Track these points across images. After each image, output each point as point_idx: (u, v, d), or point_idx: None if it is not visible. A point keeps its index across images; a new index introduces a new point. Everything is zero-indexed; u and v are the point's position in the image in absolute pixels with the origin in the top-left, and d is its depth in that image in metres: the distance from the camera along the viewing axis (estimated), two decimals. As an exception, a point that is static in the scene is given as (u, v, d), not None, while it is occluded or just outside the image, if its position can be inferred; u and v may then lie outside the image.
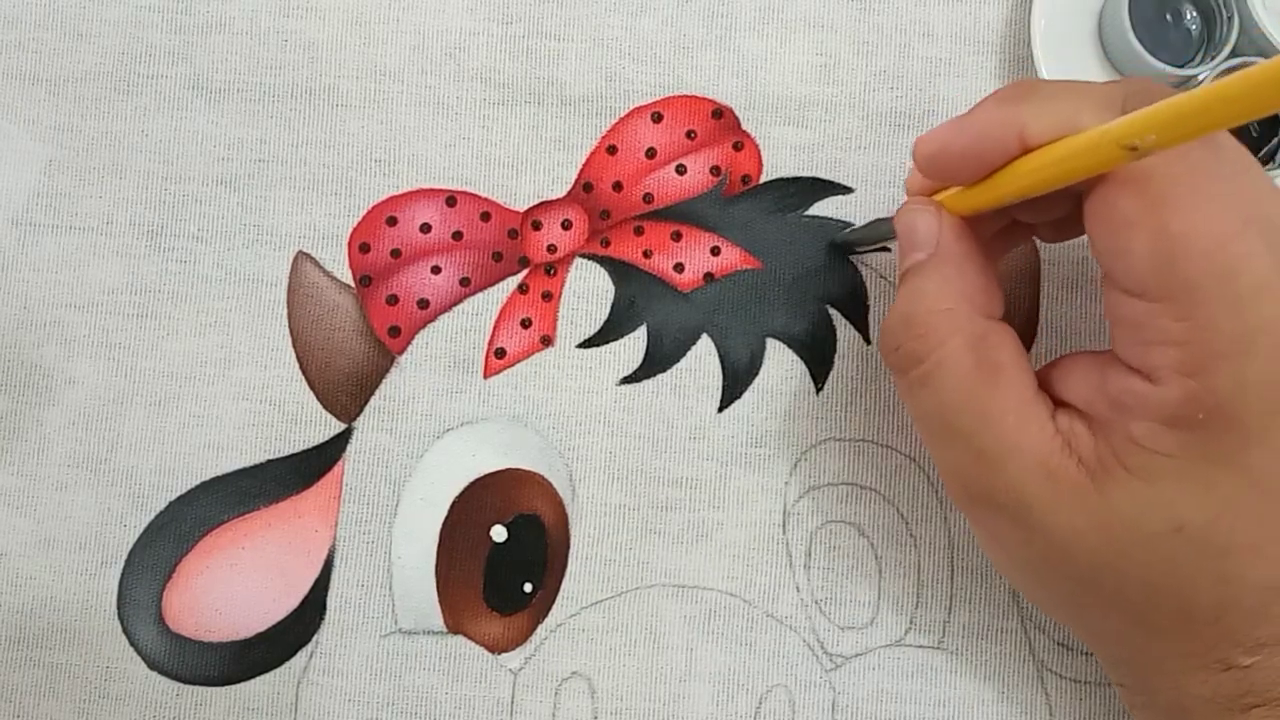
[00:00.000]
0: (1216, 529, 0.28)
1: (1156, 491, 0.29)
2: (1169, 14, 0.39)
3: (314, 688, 0.37)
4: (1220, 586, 0.29)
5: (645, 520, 0.38)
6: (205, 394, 0.38)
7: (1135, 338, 0.29)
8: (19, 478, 0.38)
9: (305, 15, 0.40)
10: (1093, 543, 0.29)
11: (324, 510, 0.38)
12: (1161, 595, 0.29)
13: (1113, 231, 0.29)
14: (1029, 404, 0.31)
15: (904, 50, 0.40)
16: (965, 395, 0.31)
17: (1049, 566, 0.31)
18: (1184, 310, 0.28)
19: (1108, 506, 0.29)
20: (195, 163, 0.39)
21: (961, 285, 0.31)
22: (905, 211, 0.33)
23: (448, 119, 0.39)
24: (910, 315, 0.32)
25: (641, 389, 0.39)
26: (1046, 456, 0.30)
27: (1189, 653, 0.30)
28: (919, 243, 0.32)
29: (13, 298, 0.38)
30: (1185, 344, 0.28)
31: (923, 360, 0.31)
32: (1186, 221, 0.28)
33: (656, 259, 0.39)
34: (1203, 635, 0.29)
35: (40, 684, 0.37)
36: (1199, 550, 0.29)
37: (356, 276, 0.39)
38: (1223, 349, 0.27)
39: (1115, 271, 0.29)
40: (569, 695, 0.37)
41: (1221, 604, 0.29)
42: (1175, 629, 0.30)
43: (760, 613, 0.38)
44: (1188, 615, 0.29)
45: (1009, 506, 0.30)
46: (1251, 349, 0.27)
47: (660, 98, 0.40)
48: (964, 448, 0.31)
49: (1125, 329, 0.29)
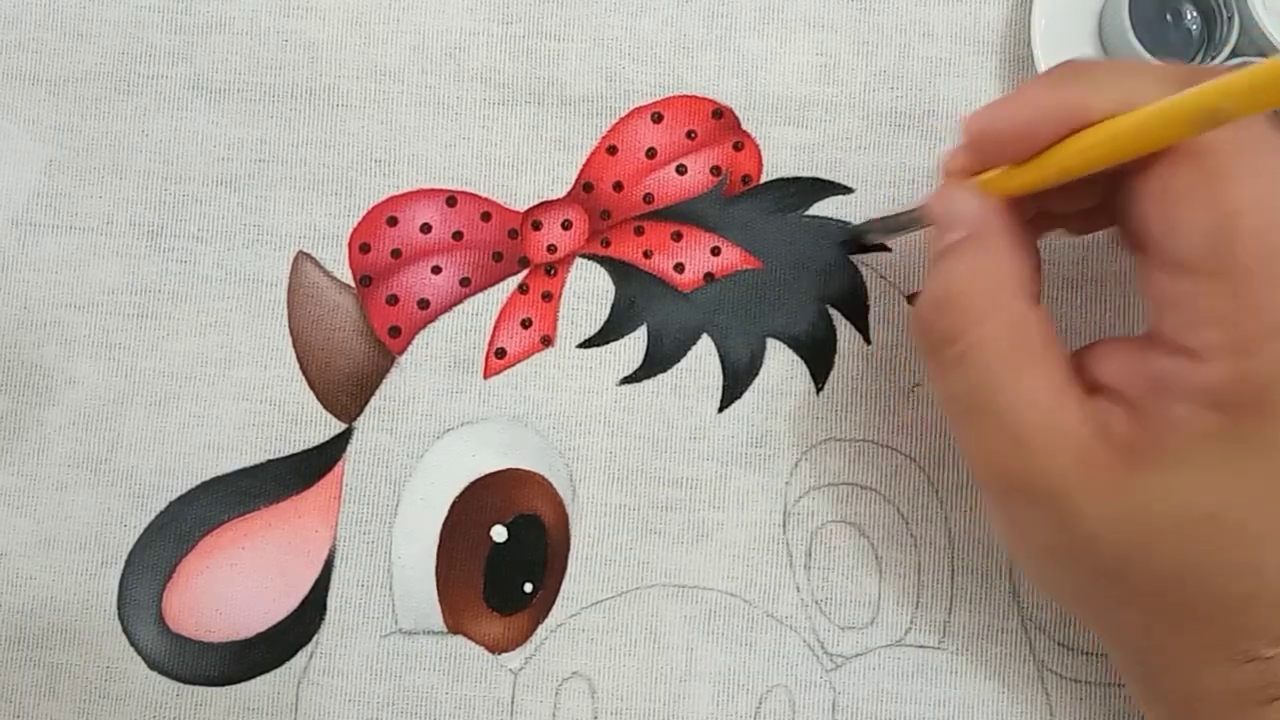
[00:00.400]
0: (1252, 516, 0.28)
1: (1193, 475, 0.28)
2: (1169, 14, 0.39)
3: (314, 688, 0.37)
4: (1250, 576, 0.28)
5: (645, 520, 0.38)
6: (205, 394, 0.38)
7: (1181, 317, 0.28)
8: (19, 478, 0.38)
9: (305, 15, 0.40)
10: (1124, 530, 0.29)
11: (324, 510, 0.38)
12: (1189, 584, 0.29)
13: (1166, 206, 0.28)
14: (1064, 389, 0.30)
15: (904, 50, 0.40)
16: (1001, 377, 0.30)
17: (1073, 556, 0.30)
18: (1234, 288, 0.27)
19: (1143, 491, 0.28)
20: (195, 163, 0.39)
21: (999, 266, 0.31)
22: (943, 191, 0.33)
23: (448, 119, 0.39)
24: (947, 294, 0.31)
25: (642, 389, 0.39)
26: (1081, 442, 0.29)
27: (1211, 644, 0.29)
28: (957, 222, 0.32)
29: (13, 298, 0.38)
30: (1234, 322, 0.27)
31: (957, 340, 0.31)
32: (1241, 197, 0.27)
33: (657, 259, 0.39)
34: (1228, 625, 0.29)
35: (40, 684, 0.37)
36: (1233, 538, 0.28)
37: (357, 276, 0.39)
38: (1274, 329, 0.27)
39: (1165, 247, 0.29)
40: (569, 695, 0.37)
41: (1251, 594, 0.28)
42: (1199, 619, 0.29)
43: (760, 613, 0.38)
44: (1215, 605, 0.29)
45: (1040, 492, 0.30)
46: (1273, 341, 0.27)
47: (660, 98, 0.40)
48: (996, 431, 0.30)
49: (1171, 308, 0.29)
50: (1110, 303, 0.40)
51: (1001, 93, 0.40)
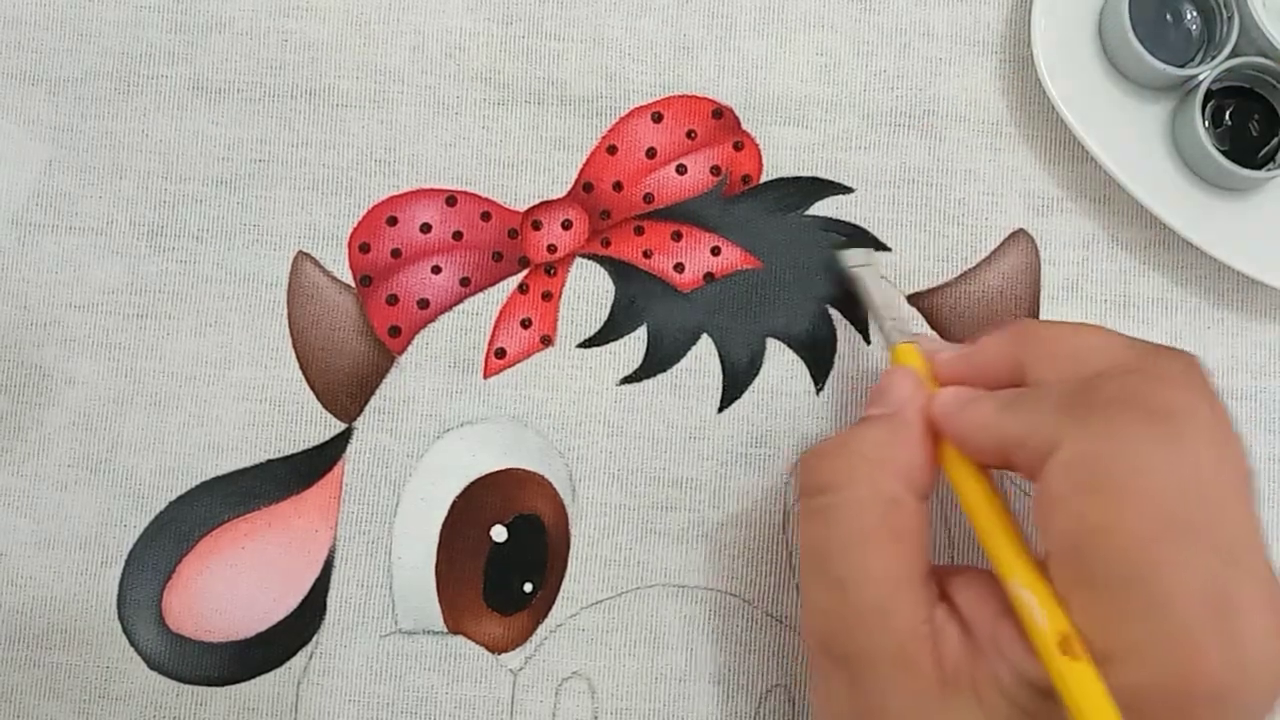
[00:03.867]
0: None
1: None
2: (1169, 14, 0.39)
3: (314, 688, 0.37)
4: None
5: (645, 520, 0.38)
6: (205, 394, 0.38)
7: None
8: (19, 478, 0.38)
9: (305, 15, 0.40)
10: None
11: (324, 510, 0.38)
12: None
13: (1042, 505, 0.29)
14: (913, 583, 0.30)
15: (904, 50, 0.40)
16: (855, 543, 0.31)
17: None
18: (1085, 599, 0.28)
19: (944, 714, 0.29)
20: (195, 163, 0.39)
21: (901, 451, 0.32)
22: (887, 374, 0.34)
23: (448, 119, 0.39)
24: (842, 448, 0.32)
25: (642, 389, 0.39)
26: (908, 640, 0.29)
27: None
28: (888, 400, 0.33)
29: (13, 298, 0.38)
30: (1081, 633, 0.28)
31: (828, 492, 0.31)
32: (1102, 517, 0.28)
33: (657, 259, 0.39)
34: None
35: (40, 684, 0.37)
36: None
37: (357, 276, 0.39)
38: (1109, 650, 0.27)
39: (1044, 541, 0.29)
40: (569, 695, 0.37)
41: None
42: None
43: (760, 613, 0.38)
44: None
45: (853, 668, 0.30)
46: (1135, 657, 0.27)
47: (660, 98, 0.40)
48: (836, 594, 0.30)
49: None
50: (1111, 302, 0.40)
51: (1001, 92, 0.40)
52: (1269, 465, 0.39)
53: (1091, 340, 0.31)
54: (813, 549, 0.32)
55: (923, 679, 0.29)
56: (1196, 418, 0.28)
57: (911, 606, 0.30)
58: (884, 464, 0.31)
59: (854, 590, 0.30)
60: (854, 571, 0.30)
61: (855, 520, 0.31)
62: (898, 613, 0.30)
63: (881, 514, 0.31)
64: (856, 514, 0.31)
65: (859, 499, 0.31)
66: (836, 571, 0.31)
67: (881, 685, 0.29)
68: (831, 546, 0.31)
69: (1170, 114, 0.39)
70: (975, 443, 0.31)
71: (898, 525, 0.31)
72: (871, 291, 0.37)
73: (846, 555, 0.31)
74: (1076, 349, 0.31)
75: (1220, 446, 0.28)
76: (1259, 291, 0.40)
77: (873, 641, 0.30)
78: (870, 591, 0.30)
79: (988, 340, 0.33)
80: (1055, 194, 0.40)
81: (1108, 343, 0.31)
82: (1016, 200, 0.40)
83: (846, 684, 0.30)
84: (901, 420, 0.32)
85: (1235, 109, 0.39)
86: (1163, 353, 0.31)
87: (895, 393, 0.33)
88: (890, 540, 0.30)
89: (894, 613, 0.30)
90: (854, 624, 0.30)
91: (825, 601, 0.31)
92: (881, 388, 0.34)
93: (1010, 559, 0.30)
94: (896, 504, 0.31)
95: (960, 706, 0.29)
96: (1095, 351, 0.31)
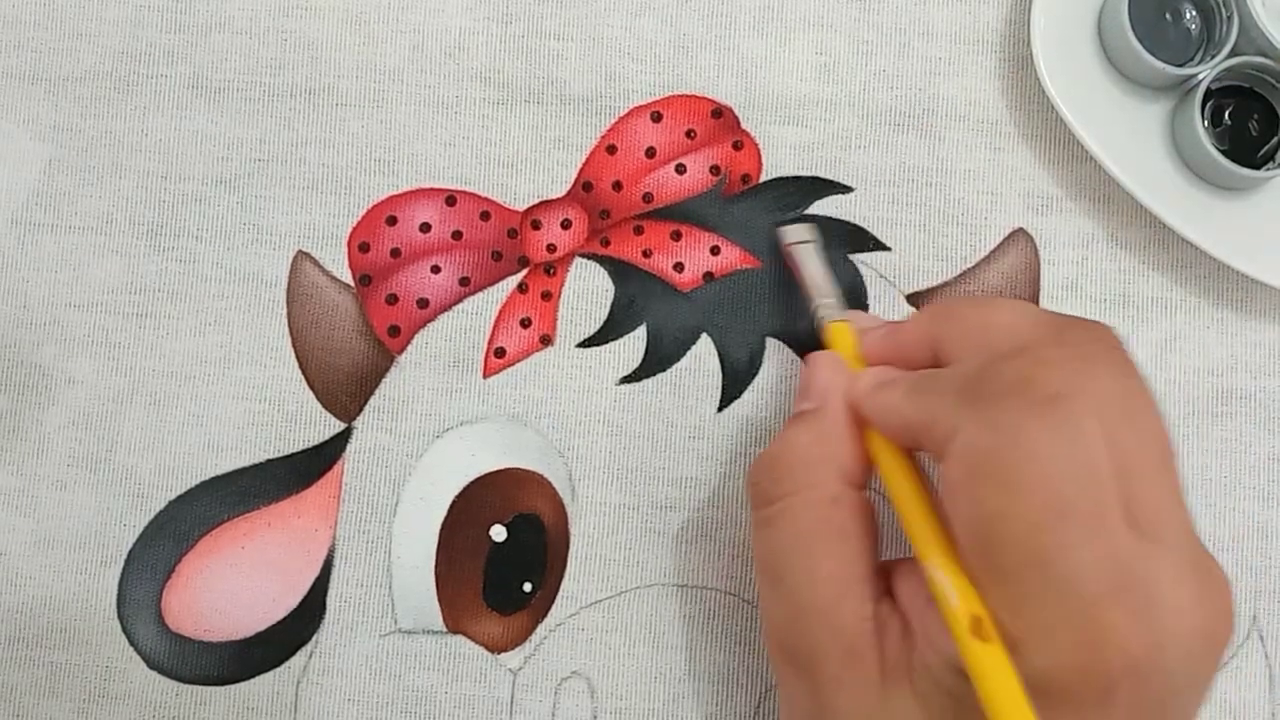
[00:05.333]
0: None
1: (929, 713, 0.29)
2: (1169, 13, 0.39)
3: (314, 687, 0.37)
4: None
5: (645, 520, 0.38)
6: (205, 394, 0.38)
7: None
8: (19, 478, 0.38)
9: (305, 15, 0.40)
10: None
11: (324, 510, 0.38)
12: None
13: (946, 492, 0.29)
14: (857, 579, 0.31)
15: (904, 50, 0.40)
16: (800, 548, 0.31)
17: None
18: (992, 585, 0.28)
19: (885, 711, 0.29)
20: (195, 162, 0.39)
21: (832, 446, 0.32)
22: (812, 360, 0.34)
23: (447, 118, 0.39)
24: (777, 458, 0.32)
25: (641, 389, 0.39)
26: (854, 637, 0.30)
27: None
28: (811, 394, 0.33)
29: (12, 298, 0.38)
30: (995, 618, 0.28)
31: (774, 502, 0.32)
32: (997, 503, 0.28)
33: (656, 258, 0.39)
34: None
35: (40, 684, 0.37)
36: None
37: (356, 276, 0.39)
38: (1020, 634, 0.27)
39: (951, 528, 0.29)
40: (569, 695, 0.37)
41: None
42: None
43: (760, 612, 0.38)
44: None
45: (806, 668, 0.30)
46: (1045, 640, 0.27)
47: (660, 97, 0.40)
48: (783, 599, 0.31)
49: None
50: (1111, 302, 0.40)
51: (1000, 92, 0.40)
52: (1269, 465, 0.39)
53: (1001, 318, 0.31)
54: (764, 558, 0.32)
55: (868, 674, 0.30)
56: (1087, 398, 0.28)
57: (858, 604, 0.30)
58: (818, 464, 0.32)
59: (804, 593, 0.31)
60: (801, 575, 0.31)
61: (799, 525, 0.31)
62: (844, 611, 0.30)
63: (825, 515, 0.31)
64: (798, 519, 0.31)
65: (797, 504, 0.31)
66: (786, 577, 0.31)
67: (832, 684, 0.30)
68: (780, 553, 0.31)
69: (1170, 113, 0.39)
70: (886, 426, 0.31)
71: (841, 524, 0.31)
72: (805, 269, 0.37)
73: (793, 560, 0.31)
74: (985, 326, 0.31)
75: (1118, 424, 0.28)
76: (1259, 291, 0.40)
77: (822, 641, 0.30)
78: (819, 592, 0.30)
79: (909, 319, 0.33)
80: (1055, 193, 0.40)
81: (1016, 320, 0.31)
82: (1016, 200, 0.40)
83: (804, 687, 0.31)
84: (826, 414, 0.32)
85: (1235, 109, 0.39)
86: (1067, 328, 0.30)
87: (817, 383, 0.33)
88: (834, 540, 0.31)
89: (841, 611, 0.30)
90: (805, 626, 0.30)
91: (779, 607, 0.31)
92: (806, 379, 0.34)
93: (926, 541, 0.30)
94: (837, 501, 0.31)
95: (897, 697, 0.29)
96: (1002, 330, 0.31)
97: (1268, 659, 0.38)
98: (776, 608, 0.32)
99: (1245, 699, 0.38)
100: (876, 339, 0.34)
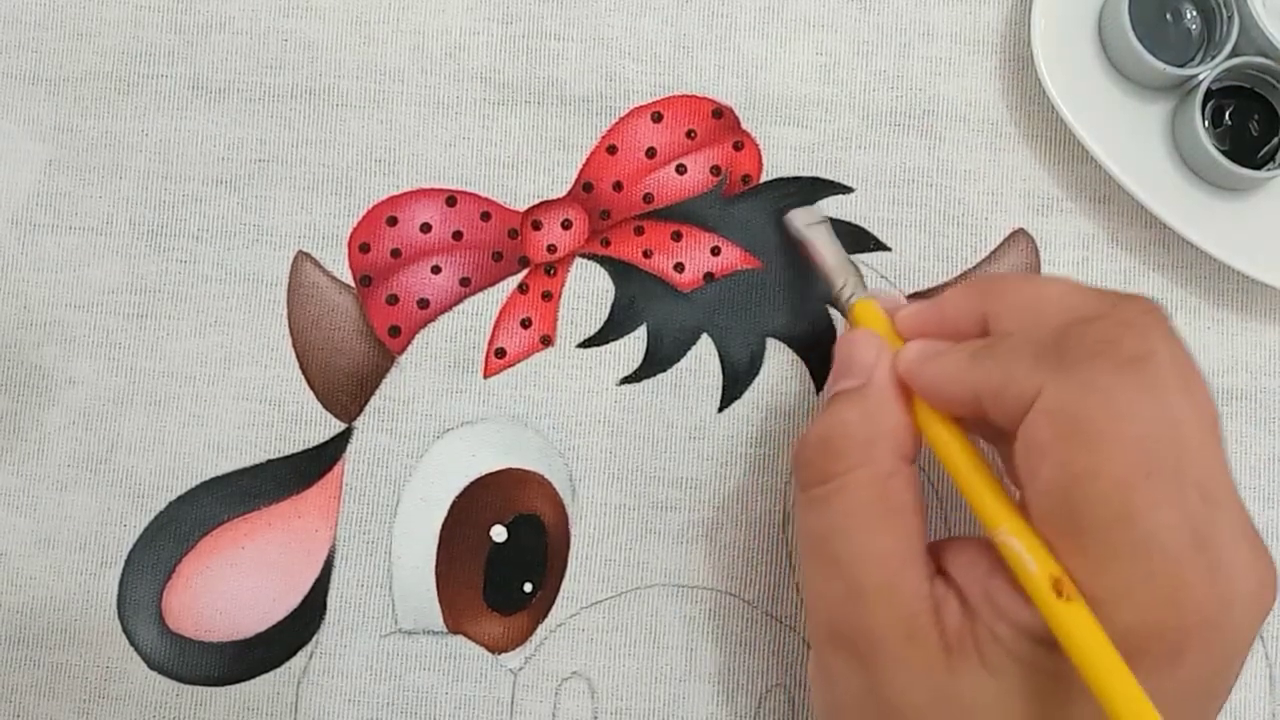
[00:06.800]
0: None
1: (1001, 689, 0.29)
2: (1169, 13, 0.39)
3: (314, 688, 0.37)
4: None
5: (645, 520, 0.38)
6: (205, 394, 0.38)
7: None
8: (19, 478, 0.38)
9: (305, 15, 0.40)
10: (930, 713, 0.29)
11: (324, 510, 0.38)
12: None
13: (1027, 455, 0.29)
14: (912, 558, 0.30)
15: (904, 50, 0.40)
16: (856, 527, 0.31)
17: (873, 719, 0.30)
18: (1072, 546, 0.28)
19: (956, 684, 0.29)
20: (195, 163, 0.39)
21: (884, 422, 0.32)
22: (847, 338, 0.34)
23: (448, 119, 0.39)
24: (829, 436, 0.32)
25: (641, 389, 0.39)
26: (914, 614, 0.30)
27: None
28: (854, 370, 0.33)
29: (13, 298, 0.38)
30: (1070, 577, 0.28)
31: (827, 481, 0.31)
32: (1087, 463, 0.28)
33: (657, 259, 0.39)
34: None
35: (40, 684, 0.37)
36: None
37: (356, 276, 0.39)
38: (1100, 593, 0.27)
39: (1027, 492, 0.29)
40: (569, 695, 0.37)
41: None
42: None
43: (760, 613, 0.38)
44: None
45: (861, 649, 0.30)
46: (1126, 598, 0.27)
47: (660, 97, 0.40)
48: (838, 578, 0.31)
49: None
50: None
51: (1001, 92, 0.40)
52: (1269, 465, 0.39)
53: (1055, 290, 0.32)
54: (815, 538, 0.32)
55: (930, 651, 0.29)
56: (1165, 362, 0.29)
57: (916, 580, 0.30)
58: (872, 441, 0.31)
59: (857, 572, 0.30)
60: (857, 553, 0.30)
61: (854, 502, 0.31)
62: (903, 588, 0.30)
63: (882, 491, 0.31)
64: (854, 499, 0.31)
65: (853, 482, 0.31)
66: (842, 555, 0.31)
67: (894, 664, 0.29)
68: (834, 532, 0.31)
69: (1170, 114, 0.39)
70: (947, 394, 0.31)
71: (898, 499, 0.31)
72: (822, 252, 0.37)
73: (850, 538, 0.31)
74: (1039, 298, 0.31)
75: (1188, 390, 0.29)
76: (1259, 291, 0.40)
77: (881, 619, 0.30)
78: (876, 570, 0.30)
79: (952, 293, 0.33)
80: (1055, 194, 0.40)
81: (1070, 291, 0.31)
82: (1016, 200, 0.40)
83: (858, 670, 0.30)
84: (872, 389, 0.32)
85: (1235, 109, 0.39)
86: (1124, 299, 0.31)
87: (860, 358, 0.33)
88: (890, 516, 0.31)
89: (900, 588, 0.30)
90: (863, 605, 0.30)
91: (831, 587, 0.31)
92: (845, 356, 0.33)
93: (995, 508, 0.30)
94: (893, 477, 0.31)
95: (966, 672, 0.29)
96: (1058, 300, 0.31)
97: (1268, 659, 0.38)
98: (829, 588, 0.31)
99: (1245, 699, 0.38)
100: (915, 313, 0.34)
